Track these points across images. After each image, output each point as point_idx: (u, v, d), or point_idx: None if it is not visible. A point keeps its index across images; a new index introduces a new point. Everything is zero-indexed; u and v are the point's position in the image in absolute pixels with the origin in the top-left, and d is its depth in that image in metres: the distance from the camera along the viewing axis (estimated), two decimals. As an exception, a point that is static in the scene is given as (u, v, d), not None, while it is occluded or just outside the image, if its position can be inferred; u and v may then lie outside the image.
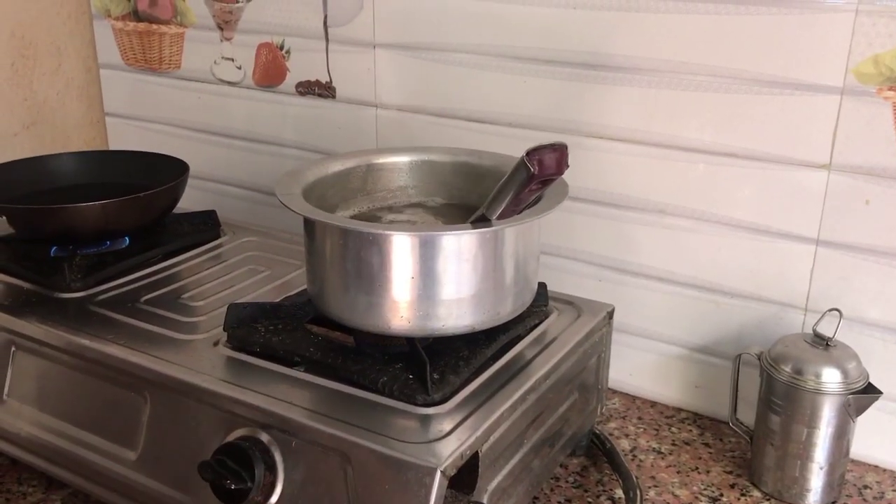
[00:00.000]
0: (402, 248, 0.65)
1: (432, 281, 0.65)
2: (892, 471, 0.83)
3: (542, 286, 0.79)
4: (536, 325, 0.77)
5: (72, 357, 0.75)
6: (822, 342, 0.78)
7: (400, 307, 0.66)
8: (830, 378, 0.76)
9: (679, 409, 0.94)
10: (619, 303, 0.89)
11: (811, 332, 0.79)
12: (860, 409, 0.76)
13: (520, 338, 0.75)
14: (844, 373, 0.76)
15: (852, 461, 0.84)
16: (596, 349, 0.81)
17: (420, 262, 0.65)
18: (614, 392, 0.97)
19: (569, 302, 0.83)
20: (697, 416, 0.93)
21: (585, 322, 0.79)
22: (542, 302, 0.79)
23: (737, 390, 0.85)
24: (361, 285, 0.66)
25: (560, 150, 0.53)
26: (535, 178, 0.53)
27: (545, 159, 0.53)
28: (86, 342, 0.74)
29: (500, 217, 0.62)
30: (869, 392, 0.76)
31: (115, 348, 0.73)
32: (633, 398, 0.96)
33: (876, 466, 0.84)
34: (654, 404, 0.95)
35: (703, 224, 0.87)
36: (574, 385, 0.77)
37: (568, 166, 0.54)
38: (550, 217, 0.68)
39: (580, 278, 0.94)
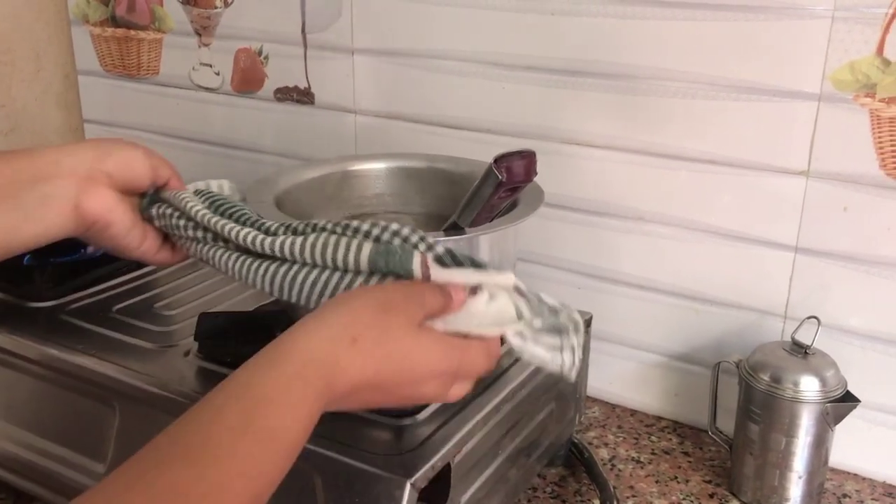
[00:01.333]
0: (373, 257, 0.64)
1: (405, 290, 0.64)
2: (871, 479, 0.83)
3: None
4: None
5: (41, 368, 0.74)
6: (800, 350, 0.77)
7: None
8: (808, 386, 0.75)
9: (659, 418, 0.93)
10: (598, 310, 0.88)
11: (790, 339, 0.78)
12: (838, 418, 0.76)
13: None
14: (823, 381, 0.75)
15: (832, 469, 0.83)
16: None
17: (392, 271, 0.64)
18: (594, 400, 0.96)
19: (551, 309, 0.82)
20: (678, 424, 0.92)
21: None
22: (519, 310, 0.78)
23: (716, 399, 0.84)
24: (333, 294, 0.65)
25: (528, 157, 0.52)
26: (504, 185, 0.52)
27: (513, 166, 0.52)
28: (55, 352, 0.73)
29: (474, 224, 0.61)
30: (847, 400, 0.75)
31: (84, 359, 0.71)
32: (613, 406, 0.95)
33: (855, 475, 0.84)
34: (634, 413, 0.94)
35: (682, 231, 0.87)
36: (551, 394, 0.76)
37: (536, 173, 0.54)
38: (528, 224, 0.67)
39: (559, 286, 0.93)
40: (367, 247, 0.54)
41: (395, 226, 0.55)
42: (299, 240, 0.56)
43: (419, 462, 0.58)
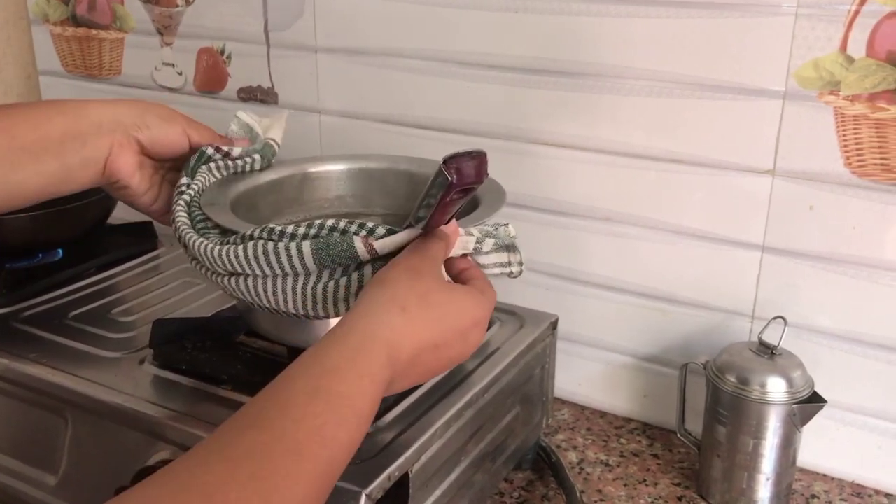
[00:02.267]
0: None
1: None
2: (840, 479, 0.82)
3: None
4: (477, 338, 0.75)
5: (-9, 377, 0.71)
6: (767, 351, 0.77)
7: (332, 323, 0.63)
8: (775, 388, 0.74)
9: (629, 420, 0.92)
10: (566, 312, 0.87)
11: (757, 340, 0.77)
12: (805, 419, 0.75)
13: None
14: (789, 382, 0.75)
15: (800, 470, 0.83)
16: (539, 360, 0.79)
17: (349, 275, 0.63)
18: (563, 402, 0.95)
19: (511, 312, 0.81)
20: (647, 426, 0.91)
21: (528, 333, 0.77)
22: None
23: (684, 401, 0.83)
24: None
25: (479, 158, 0.51)
26: (454, 186, 0.50)
27: (463, 167, 0.50)
28: (5, 361, 0.71)
29: (430, 227, 0.60)
30: (814, 401, 0.75)
31: (35, 368, 0.70)
32: (583, 408, 0.94)
33: (824, 475, 0.83)
34: (603, 415, 0.93)
35: (649, 231, 0.86)
36: (516, 398, 0.75)
37: (488, 174, 0.52)
38: (489, 226, 0.66)
39: (526, 286, 0.92)
40: (307, 246, 0.56)
41: (329, 221, 0.58)
42: (241, 251, 0.58)
43: (376, 471, 0.56)
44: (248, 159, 0.75)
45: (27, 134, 0.65)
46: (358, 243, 0.56)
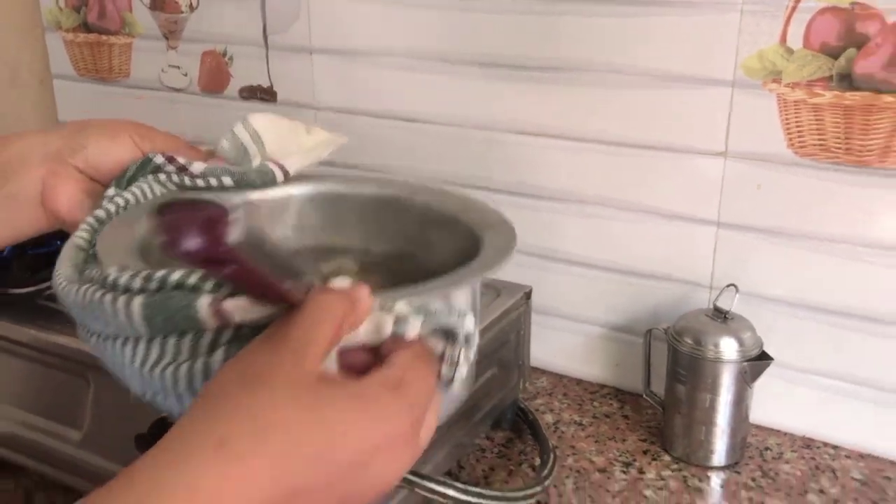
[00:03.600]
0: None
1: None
2: (791, 433, 0.90)
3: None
4: (457, 307, 0.83)
5: (19, 346, 0.80)
6: (720, 315, 0.84)
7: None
8: (727, 348, 0.82)
9: (602, 386, 1.00)
10: (543, 287, 0.95)
11: (712, 307, 0.85)
12: (755, 375, 0.83)
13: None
14: (740, 342, 0.83)
15: (757, 426, 0.91)
16: (514, 327, 0.87)
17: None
18: (542, 372, 1.03)
19: (492, 286, 0.89)
20: (619, 391, 0.99)
21: (503, 301, 0.85)
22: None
23: (649, 364, 0.91)
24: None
25: (203, 214, 0.36)
26: (174, 253, 0.34)
27: (181, 226, 0.34)
28: (32, 332, 0.79)
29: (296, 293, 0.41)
30: (762, 359, 0.83)
31: (60, 337, 0.78)
32: (560, 377, 1.02)
33: (777, 430, 0.91)
34: (579, 382, 1.01)
35: (618, 212, 0.94)
36: (492, 360, 0.83)
37: (226, 246, 0.35)
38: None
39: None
40: (137, 302, 0.41)
41: (176, 275, 0.41)
42: (73, 293, 0.44)
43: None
44: (212, 180, 0.57)
45: None
46: (202, 302, 0.39)
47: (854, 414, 0.87)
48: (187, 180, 0.57)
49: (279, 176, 0.60)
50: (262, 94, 1.13)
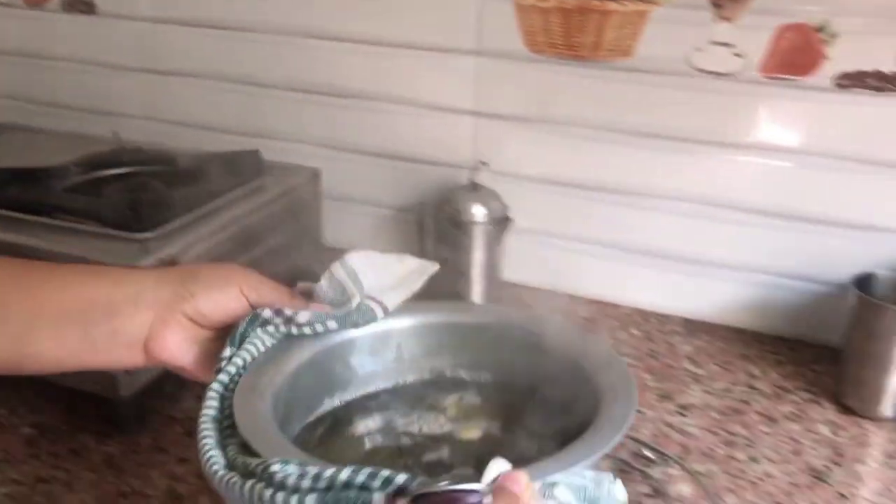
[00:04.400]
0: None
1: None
2: (539, 288, 1.09)
3: (256, 153, 0.99)
4: (251, 181, 0.97)
5: None
6: (473, 187, 1.01)
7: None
8: (479, 212, 1.00)
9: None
10: (338, 175, 1.10)
11: (468, 181, 1.02)
12: (500, 233, 1.01)
13: (232, 188, 0.94)
14: (489, 208, 1.00)
15: (513, 285, 1.09)
16: (303, 202, 1.01)
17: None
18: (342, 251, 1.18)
19: (284, 167, 1.03)
20: (406, 264, 1.16)
21: (293, 180, 1.00)
22: (259, 166, 0.99)
23: (423, 235, 1.08)
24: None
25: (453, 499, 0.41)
26: None
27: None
28: None
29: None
30: (505, 221, 1.00)
31: None
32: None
33: (533, 288, 1.09)
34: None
35: (391, 105, 1.09)
36: (281, 228, 0.97)
37: None
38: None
39: (304, 158, 1.13)
40: (310, 501, 0.44)
41: (345, 473, 0.44)
42: (237, 488, 0.47)
43: (152, 264, 0.78)
44: (318, 327, 0.59)
45: (55, 294, 0.56)
46: (377, 500, 0.43)
47: (596, 270, 1.06)
48: (294, 329, 0.58)
49: (380, 314, 0.60)
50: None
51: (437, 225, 1.03)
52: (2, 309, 0.56)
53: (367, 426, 0.62)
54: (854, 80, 0.88)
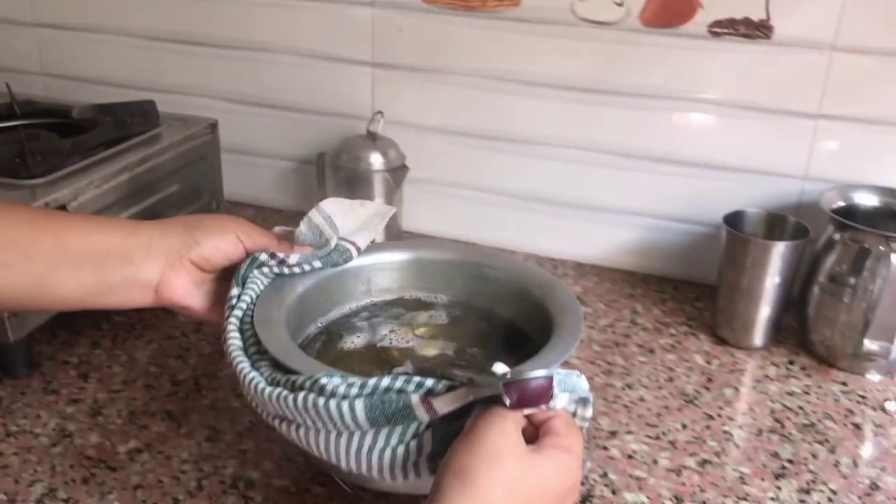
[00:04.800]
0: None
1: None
2: (437, 236, 1.12)
3: (151, 103, 0.99)
4: (146, 132, 0.97)
5: None
6: (371, 137, 1.03)
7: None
8: (376, 160, 1.02)
9: (300, 214, 1.17)
10: (236, 129, 1.11)
11: (366, 131, 1.04)
12: (397, 181, 1.03)
13: (127, 138, 0.94)
14: (385, 156, 1.02)
15: (413, 233, 1.11)
16: (200, 152, 1.02)
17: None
18: (248, 206, 1.19)
19: (181, 119, 1.03)
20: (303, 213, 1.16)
21: (189, 129, 1.00)
22: (154, 117, 1.00)
23: (324, 185, 1.09)
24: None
25: (544, 384, 0.50)
26: (512, 408, 0.50)
27: (525, 394, 0.50)
28: None
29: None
30: (402, 169, 1.03)
31: None
32: (261, 208, 1.19)
33: (433, 236, 1.12)
34: (279, 211, 1.18)
35: (290, 57, 1.10)
36: (177, 177, 0.98)
37: (553, 397, 0.51)
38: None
39: (201, 110, 1.13)
40: (360, 405, 0.54)
41: (384, 381, 0.54)
42: (290, 400, 0.55)
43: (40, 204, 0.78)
44: (306, 266, 0.70)
45: (75, 240, 0.62)
46: (415, 401, 0.53)
47: (492, 218, 1.09)
48: (286, 270, 0.69)
49: (355, 253, 0.72)
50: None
51: (336, 175, 1.05)
52: (26, 250, 0.60)
53: (353, 342, 0.73)
54: (726, 28, 0.92)
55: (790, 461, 0.74)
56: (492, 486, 0.48)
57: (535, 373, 0.50)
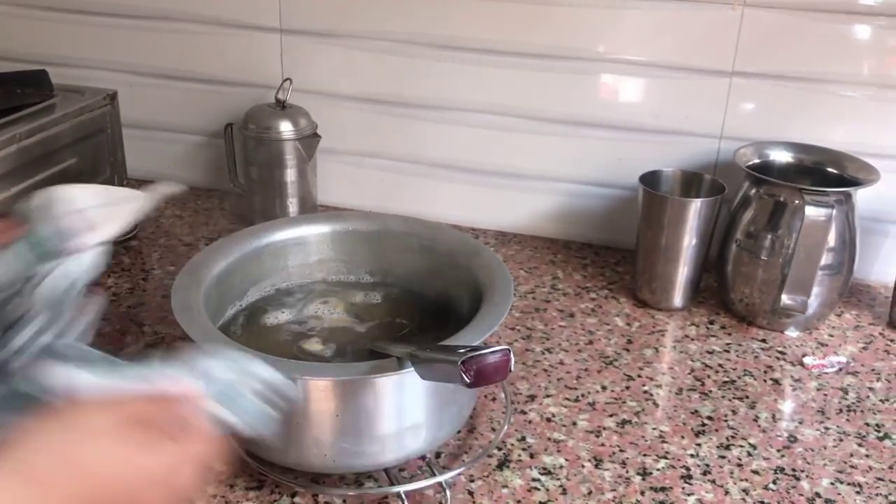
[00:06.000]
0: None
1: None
2: (353, 209, 1.08)
3: (43, 73, 0.94)
4: (37, 103, 0.92)
5: None
6: (279, 105, 0.99)
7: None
8: (286, 128, 0.98)
9: (210, 190, 1.13)
10: (138, 103, 1.06)
11: (275, 100, 1.00)
12: (309, 151, 0.99)
13: (17, 109, 0.89)
14: (296, 124, 0.98)
15: (329, 206, 1.08)
16: (98, 124, 0.96)
17: None
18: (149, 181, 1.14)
19: (77, 91, 0.98)
20: (216, 190, 1.12)
21: (85, 101, 0.95)
22: (47, 88, 0.94)
23: (234, 156, 1.05)
24: None
25: (501, 358, 0.49)
26: (472, 386, 0.49)
27: (484, 370, 0.48)
28: None
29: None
30: (313, 137, 0.99)
31: None
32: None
33: (342, 207, 1.08)
34: (191, 188, 1.13)
35: (193, 25, 1.06)
36: (73, 150, 0.92)
37: (511, 371, 0.49)
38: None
39: (96, 83, 1.07)
40: None
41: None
42: None
43: None
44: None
45: None
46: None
47: (409, 187, 1.06)
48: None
49: (91, 237, 0.58)
50: None
51: (245, 145, 1.00)
52: None
53: (276, 317, 0.75)
54: (639, -14, 0.91)
55: (710, 418, 0.73)
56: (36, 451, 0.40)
57: (492, 348, 0.49)
